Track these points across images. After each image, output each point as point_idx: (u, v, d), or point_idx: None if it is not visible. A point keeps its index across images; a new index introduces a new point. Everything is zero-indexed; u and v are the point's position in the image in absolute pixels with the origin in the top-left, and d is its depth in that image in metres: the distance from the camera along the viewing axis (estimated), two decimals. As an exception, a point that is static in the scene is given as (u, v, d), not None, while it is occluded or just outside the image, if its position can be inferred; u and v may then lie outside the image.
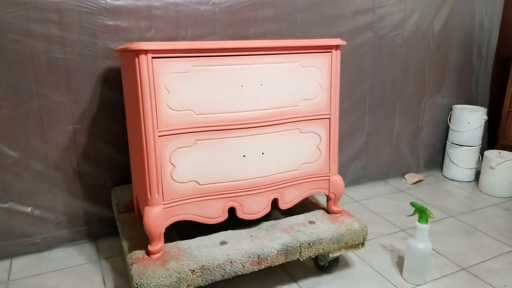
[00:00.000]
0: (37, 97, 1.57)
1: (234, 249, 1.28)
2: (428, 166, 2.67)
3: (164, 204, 1.22)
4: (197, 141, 1.23)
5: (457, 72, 2.60)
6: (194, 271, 1.19)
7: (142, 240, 1.35)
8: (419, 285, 1.48)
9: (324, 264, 1.53)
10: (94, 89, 1.65)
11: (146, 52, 1.10)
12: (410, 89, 2.41)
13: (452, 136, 2.54)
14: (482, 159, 2.41)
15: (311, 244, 1.35)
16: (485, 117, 2.49)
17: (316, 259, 1.55)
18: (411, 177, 2.50)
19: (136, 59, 1.11)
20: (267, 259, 1.29)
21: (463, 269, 1.58)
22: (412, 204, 1.47)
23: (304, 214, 1.52)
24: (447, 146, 2.58)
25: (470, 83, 2.70)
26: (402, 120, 2.44)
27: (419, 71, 2.42)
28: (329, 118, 1.42)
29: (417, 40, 2.34)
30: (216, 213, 1.31)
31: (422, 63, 2.41)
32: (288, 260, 1.33)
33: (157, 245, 1.24)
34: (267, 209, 1.39)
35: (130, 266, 1.22)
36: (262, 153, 1.33)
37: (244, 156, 1.30)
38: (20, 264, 1.63)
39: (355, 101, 2.25)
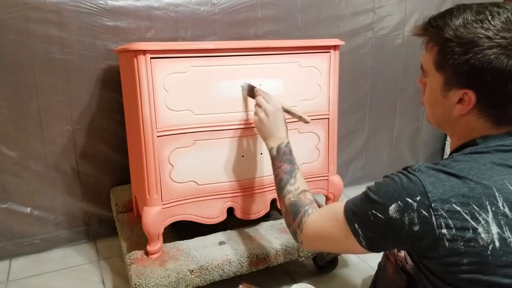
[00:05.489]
0: (36, 98, 1.57)
1: (233, 249, 1.28)
2: (428, 166, 2.66)
3: (162, 204, 1.22)
4: (196, 141, 1.23)
5: (457, 73, 2.59)
6: (192, 271, 1.19)
7: (141, 240, 1.35)
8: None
9: (323, 264, 1.53)
10: (93, 89, 1.65)
11: (144, 52, 1.10)
12: (410, 89, 2.40)
13: (452, 137, 2.54)
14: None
15: (310, 244, 1.35)
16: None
17: (315, 259, 1.55)
18: (411, 178, 2.49)
19: (135, 59, 1.11)
20: (266, 259, 1.29)
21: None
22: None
23: (303, 214, 1.52)
24: (447, 146, 2.57)
25: (470, 84, 2.69)
26: (402, 120, 2.44)
27: (419, 71, 2.41)
28: (328, 118, 1.42)
29: (417, 40, 2.33)
30: (215, 213, 1.31)
31: (422, 64, 2.41)
32: (287, 260, 1.33)
33: (155, 245, 1.24)
34: (266, 209, 1.39)
35: (129, 266, 1.22)
36: (261, 153, 1.33)
37: (242, 156, 1.30)
38: (19, 264, 1.63)
39: (355, 102, 2.25)
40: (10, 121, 1.55)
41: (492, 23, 0.64)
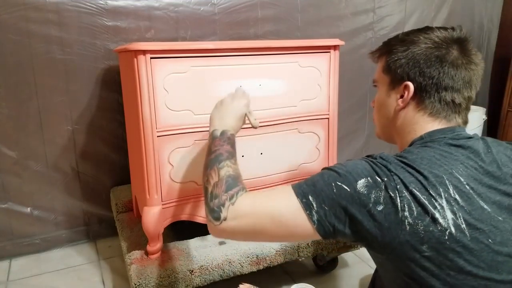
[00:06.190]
0: (36, 98, 1.57)
1: (233, 249, 1.28)
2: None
3: (162, 204, 1.22)
4: (196, 141, 1.23)
5: (457, 73, 2.59)
6: (192, 271, 1.19)
7: (141, 240, 1.35)
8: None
9: (323, 264, 1.53)
10: (93, 89, 1.65)
11: (144, 52, 1.10)
12: (409, 90, 2.41)
13: (452, 137, 2.53)
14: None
15: (309, 244, 1.35)
16: (484, 117, 2.49)
17: (315, 259, 1.55)
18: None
19: (135, 59, 1.11)
20: (265, 259, 1.29)
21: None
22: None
23: (303, 214, 1.52)
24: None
25: (470, 84, 2.70)
26: (402, 121, 2.44)
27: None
28: (328, 118, 1.42)
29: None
30: (215, 213, 1.31)
31: (422, 64, 2.41)
32: (287, 260, 1.33)
33: (155, 245, 1.24)
34: (266, 209, 1.39)
35: (129, 266, 1.22)
36: (261, 153, 1.33)
37: (242, 156, 1.30)
38: (19, 264, 1.63)
39: (355, 102, 2.25)
40: (10, 121, 1.55)
41: (430, 32, 0.79)
